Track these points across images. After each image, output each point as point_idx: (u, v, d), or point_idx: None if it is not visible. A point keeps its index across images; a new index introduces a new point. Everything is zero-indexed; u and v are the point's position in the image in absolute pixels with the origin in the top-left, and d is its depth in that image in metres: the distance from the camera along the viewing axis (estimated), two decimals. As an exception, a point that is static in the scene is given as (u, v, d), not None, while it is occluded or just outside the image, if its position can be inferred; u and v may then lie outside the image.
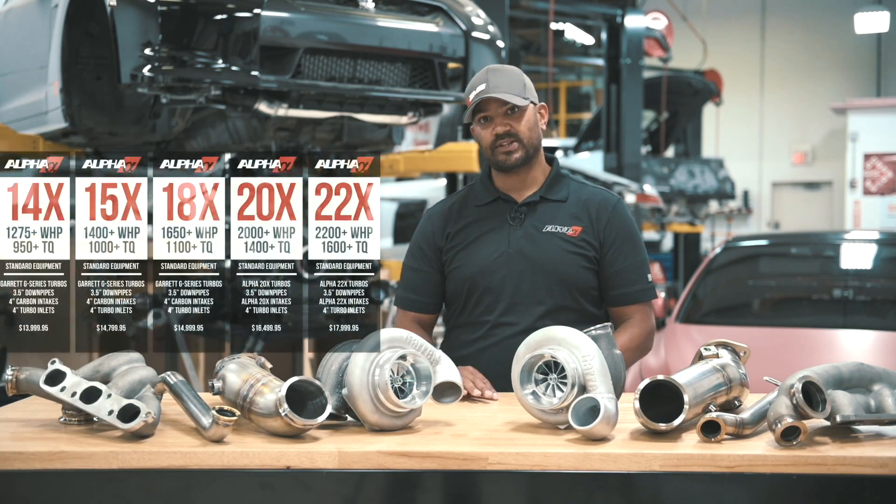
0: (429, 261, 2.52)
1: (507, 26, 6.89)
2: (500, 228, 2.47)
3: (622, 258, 2.44)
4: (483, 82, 2.39)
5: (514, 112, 2.40)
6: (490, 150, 2.44)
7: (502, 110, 2.40)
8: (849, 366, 1.89)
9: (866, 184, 13.96)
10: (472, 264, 2.46)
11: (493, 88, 2.38)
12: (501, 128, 2.40)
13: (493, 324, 2.44)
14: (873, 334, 4.62)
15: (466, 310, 2.48)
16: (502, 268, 2.44)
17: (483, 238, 2.47)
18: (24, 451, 1.75)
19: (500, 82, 2.39)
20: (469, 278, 2.46)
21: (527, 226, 2.46)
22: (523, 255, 2.43)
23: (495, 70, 2.42)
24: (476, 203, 2.52)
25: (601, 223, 2.45)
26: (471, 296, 2.46)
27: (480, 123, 2.43)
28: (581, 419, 1.80)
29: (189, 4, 3.94)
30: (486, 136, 2.43)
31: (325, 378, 1.93)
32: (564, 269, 2.42)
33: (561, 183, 2.51)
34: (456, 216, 2.52)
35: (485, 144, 2.44)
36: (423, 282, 2.53)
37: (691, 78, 12.93)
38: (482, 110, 2.41)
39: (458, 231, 2.50)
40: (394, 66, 4.32)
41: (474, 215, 2.50)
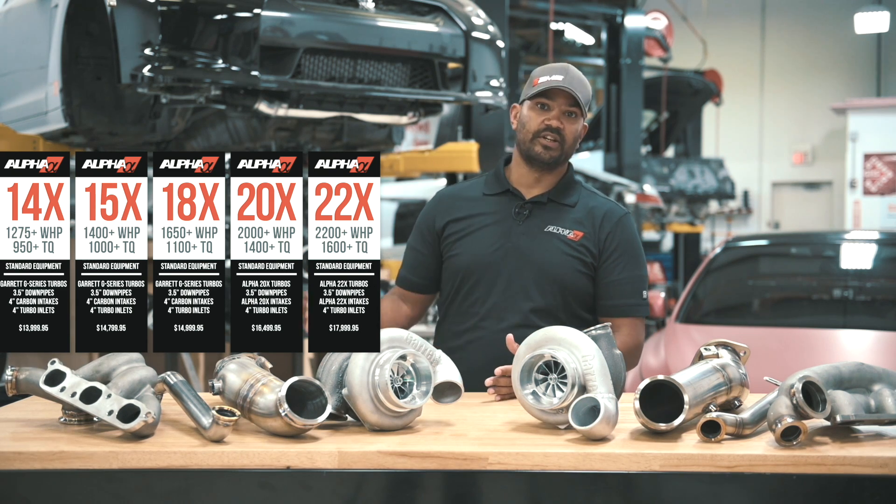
0: (426, 243, 2.55)
1: (507, 26, 6.89)
2: (503, 222, 2.47)
3: (619, 270, 2.44)
4: (562, 73, 2.39)
5: (571, 115, 2.41)
6: (531, 136, 2.43)
7: (565, 108, 2.40)
8: (849, 366, 1.89)
9: (866, 184, 13.96)
10: (469, 254, 2.47)
11: (569, 83, 2.38)
12: (556, 122, 2.40)
13: (482, 316, 2.45)
14: (873, 334, 4.63)
15: (458, 298, 2.50)
16: (498, 261, 2.44)
17: (484, 230, 2.48)
18: (24, 451, 1.75)
19: (577, 84, 2.40)
20: (464, 267, 2.47)
21: (529, 223, 2.46)
22: (520, 252, 2.44)
23: (574, 71, 2.42)
24: (485, 192, 2.53)
25: (604, 233, 2.45)
26: (463, 285, 2.48)
27: (536, 108, 2.42)
28: (581, 419, 1.80)
29: (189, 4, 3.94)
30: (535, 121, 2.42)
31: (325, 378, 1.93)
32: (559, 270, 2.42)
33: (572, 188, 2.51)
34: (463, 203, 2.53)
35: (530, 128, 2.43)
36: (415, 262, 2.58)
37: (691, 78, 12.94)
38: (548, 97, 2.40)
39: (461, 219, 2.51)
40: (394, 66, 4.32)
41: (480, 205, 2.51)
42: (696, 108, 13.41)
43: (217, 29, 3.92)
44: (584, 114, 2.44)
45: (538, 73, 2.43)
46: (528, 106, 2.43)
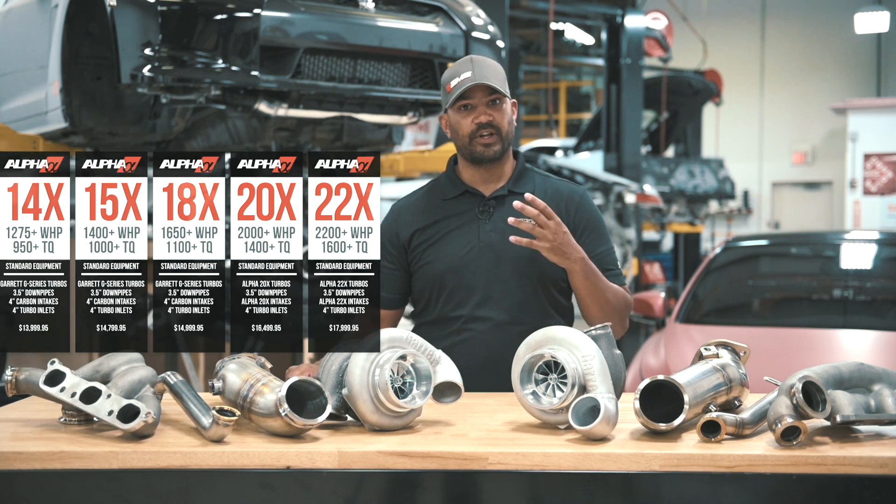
0: (392, 258, 2.50)
1: (507, 26, 6.90)
2: (470, 223, 2.46)
3: (593, 247, 2.45)
4: (468, 70, 2.38)
5: (496, 104, 2.40)
6: (468, 140, 2.43)
7: (486, 100, 2.39)
8: (849, 366, 1.89)
9: (866, 184, 13.96)
10: (442, 260, 2.45)
11: (479, 76, 2.37)
12: (485, 117, 2.40)
13: (467, 318, 2.43)
14: (873, 334, 4.62)
15: (437, 306, 2.47)
16: (473, 262, 2.43)
17: (452, 233, 2.46)
18: (24, 451, 1.75)
19: (486, 72, 2.39)
20: (440, 274, 2.45)
21: (496, 220, 2.46)
22: (494, 250, 2.43)
23: (478, 60, 2.41)
24: (443, 197, 2.51)
25: (570, 215, 2.46)
26: (441, 291, 2.46)
27: (460, 112, 2.41)
28: (581, 419, 1.80)
29: (189, 4, 3.94)
30: (465, 125, 2.41)
31: (325, 378, 1.93)
32: (535, 262, 2.42)
33: (527, 176, 2.52)
34: (423, 212, 2.50)
35: (463, 133, 2.42)
36: (384, 278, 2.50)
37: (691, 78, 12.93)
38: (466, 97, 2.40)
39: (426, 227, 2.48)
40: (394, 66, 4.33)
41: (442, 210, 2.49)
42: (696, 108, 13.41)
43: (217, 29, 3.92)
44: (506, 94, 2.42)
45: (447, 78, 2.43)
46: (452, 112, 2.43)
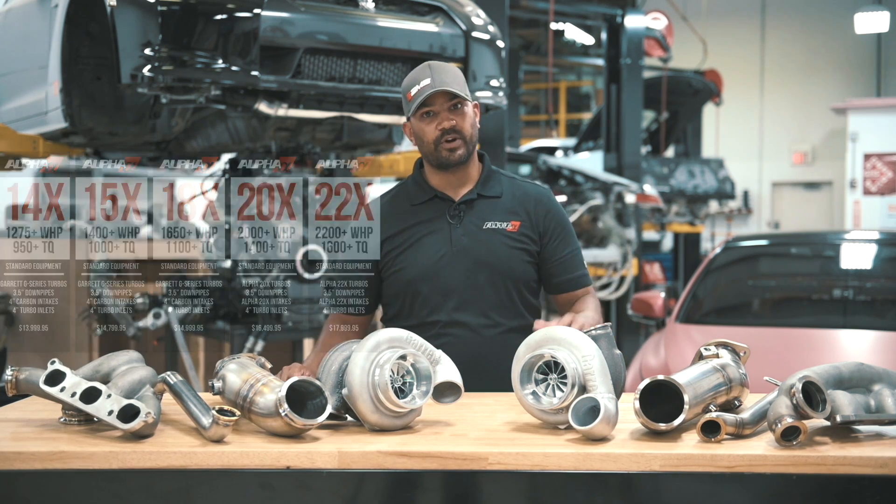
0: None
1: (507, 26, 6.88)
2: (441, 229, 2.46)
3: (563, 247, 2.51)
4: (427, 77, 2.39)
5: (458, 108, 2.41)
6: (433, 146, 2.43)
7: (447, 105, 2.40)
8: (849, 366, 1.89)
9: (866, 184, 13.95)
10: (415, 266, 2.44)
11: (439, 83, 2.38)
12: (448, 123, 2.40)
13: (445, 323, 2.43)
14: (873, 334, 4.62)
15: (413, 311, 2.46)
16: (447, 267, 2.44)
17: (424, 239, 2.46)
18: (24, 451, 1.75)
19: (445, 77, 2.39)
20: (413, 280, 2.44)
21: (467, 223, 2.47)
22: (467, 254, 2.44)
23: (437, 66, 2.42)
24: (412, 202, 2.50)
25: (539, 216, 2.50)
26: (416, 297, 2.45)
27: (423, 119, 2.42)
28: (581, 419, 1.80)
29: (189, 4, 3.93)
30: (429, 132, 2.42)
31: (325, 378, 1.93)
32: (509, 265, 2.46)
33: (494, 179, 2.54)
34: (393, 218, 2.47)
35: (428, 139, 2.43)
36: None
37: (691, 78, 12.92)
38: (427, 105, 2.40)
39: (396, 233, 2.46)
40: (394, 66, 4.32)
41: (411, 215, 2.48)
42: (696, 108, 13.39)
43: (217, 29, 3.91)
44: (467, 97, 2.42)
45: (407, 86, 2.43)
46: (415, 120, 2.43)
